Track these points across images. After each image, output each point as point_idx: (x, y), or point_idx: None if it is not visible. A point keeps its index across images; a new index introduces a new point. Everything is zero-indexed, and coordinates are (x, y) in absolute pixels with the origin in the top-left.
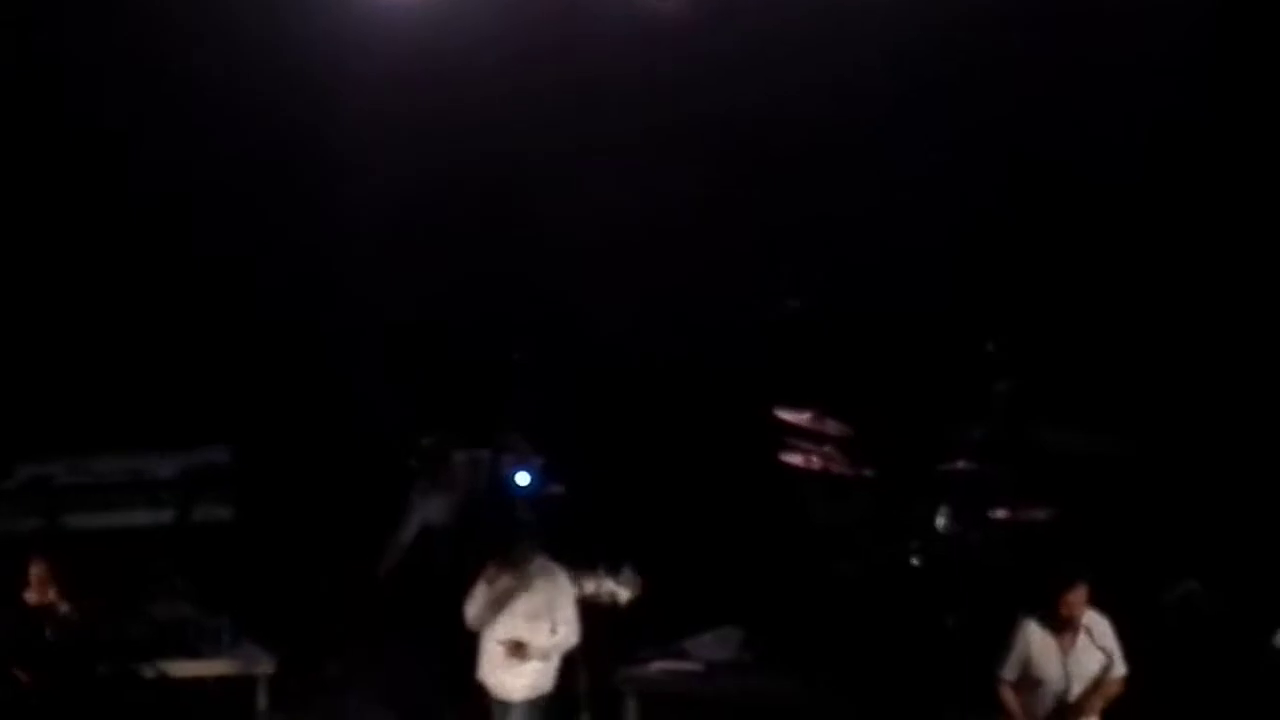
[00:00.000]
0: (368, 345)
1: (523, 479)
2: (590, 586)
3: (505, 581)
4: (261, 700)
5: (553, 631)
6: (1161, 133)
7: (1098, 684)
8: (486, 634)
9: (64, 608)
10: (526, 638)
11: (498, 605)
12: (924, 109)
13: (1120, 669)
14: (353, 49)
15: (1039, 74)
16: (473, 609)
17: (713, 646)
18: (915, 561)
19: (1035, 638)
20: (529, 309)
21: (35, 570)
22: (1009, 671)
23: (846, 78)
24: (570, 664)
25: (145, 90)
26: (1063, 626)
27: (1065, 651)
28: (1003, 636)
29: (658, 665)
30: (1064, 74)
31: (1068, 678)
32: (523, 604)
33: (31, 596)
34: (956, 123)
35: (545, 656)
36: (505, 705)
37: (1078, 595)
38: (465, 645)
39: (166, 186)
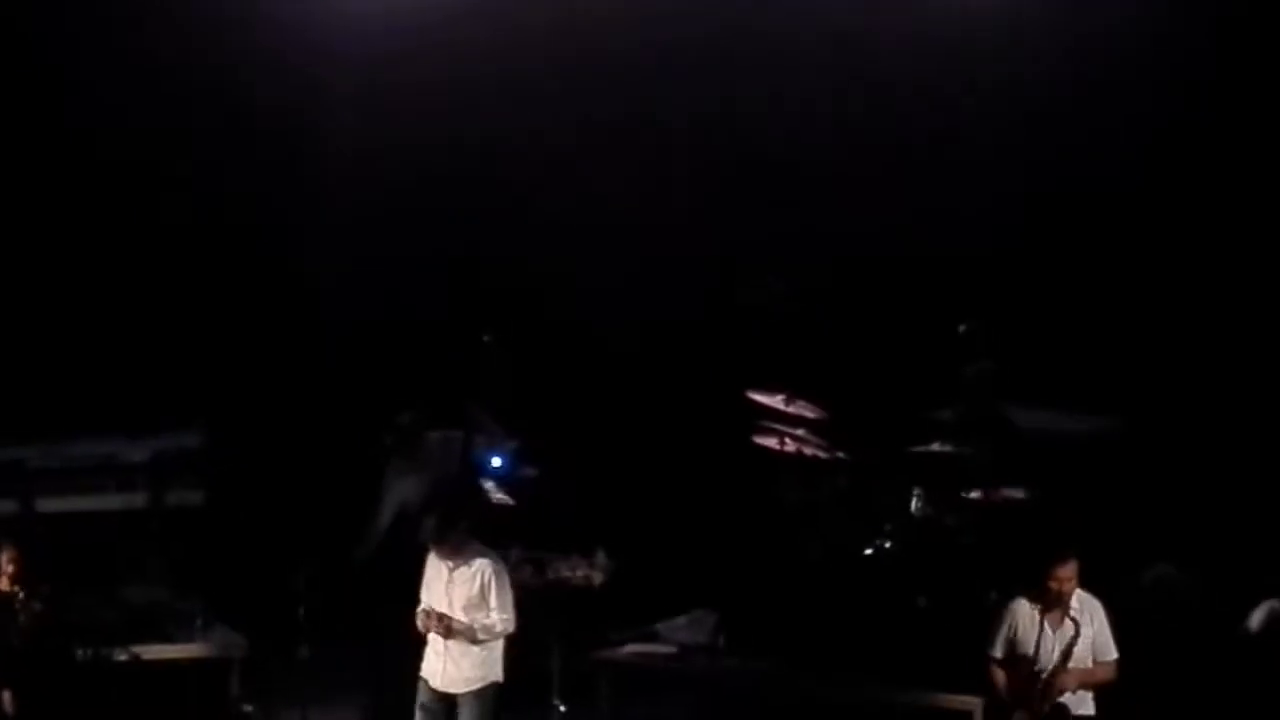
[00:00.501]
0: (339, 327)
1: (495, 461)
2: (563, 569)
3: (442, 569)
4: (234, 683)
5: (487, 616)
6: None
7: (1066, 656)
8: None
9: (36, 593)
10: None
11: (434, 593)
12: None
13: (1110, 653)
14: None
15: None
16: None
17: (686, 629)
18: (888, 544)
19: (1024, 615)
20: (500, 290)
21: (6, 556)
22: (997, 649)
23: (829, 73)
24: (543, 647)
25: (112, 68)
26: (1052, 603)
27: (1053, 629)
28: (976, 618)
29: (630, 648)
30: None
31: (1056, 655)
32: (460, 590)
33: (2, 582)
34: (935, 103)
35: (479, 642)
36: (448, 699)
37: (1067, 570)
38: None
39: (140, 170)
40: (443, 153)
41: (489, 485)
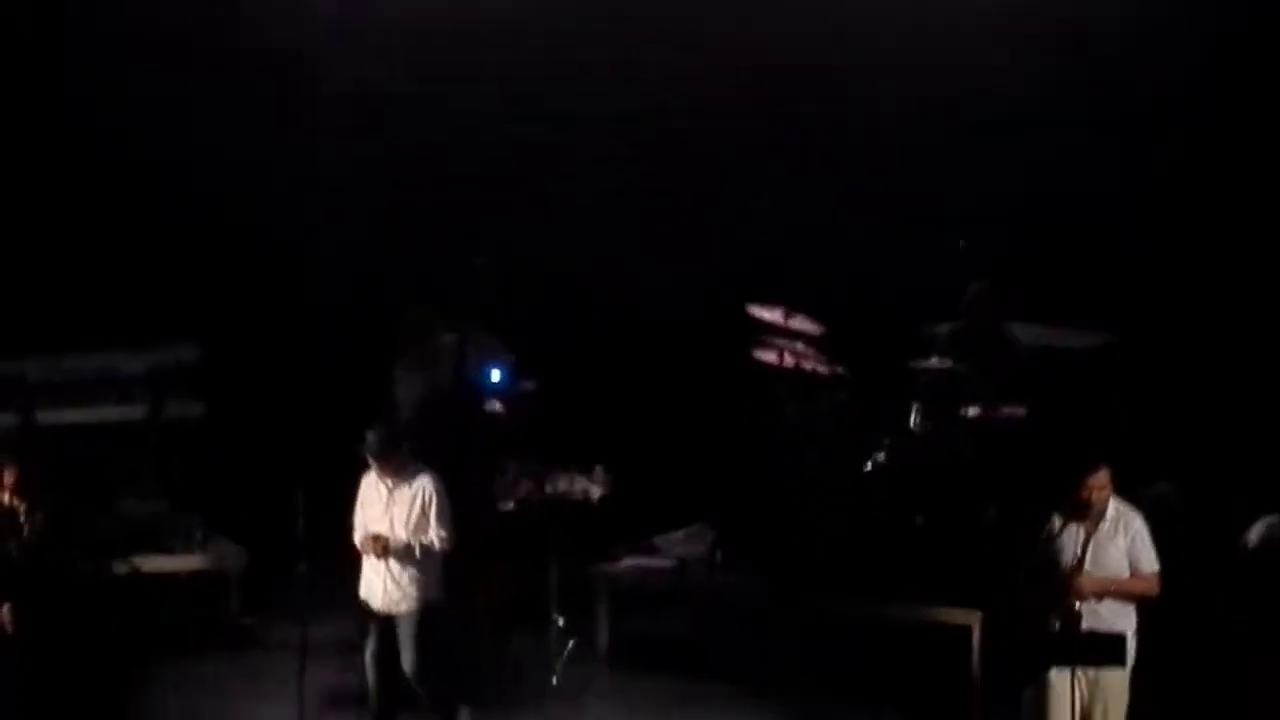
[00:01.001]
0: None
1: (494, 375)
2: (561, 484)
3: (380, 488)
4: (233, 597)
5: (427, 535)
6: None
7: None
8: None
9: (36, 506)
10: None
11: (371, 512)
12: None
13: (1147, 565)
14: None
15: None
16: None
17: (684, 543)
18: (883, 459)
19: (1058, 526)
20: (495, 208)
21: (8, 470)
22: (1032, 561)
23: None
24: (541, 562)
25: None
26: (1084, 513)
27: (1086, 538)
28: (974, 533)
29: (629, 562)
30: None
31: (1089, 565)
32: (400, 510)
33: (4, 497)
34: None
35: (416, 560)
36: (389, 620)
37: (1098, 479)
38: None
39: (141, 87)
40: (442, 83)
41: (485, 397)
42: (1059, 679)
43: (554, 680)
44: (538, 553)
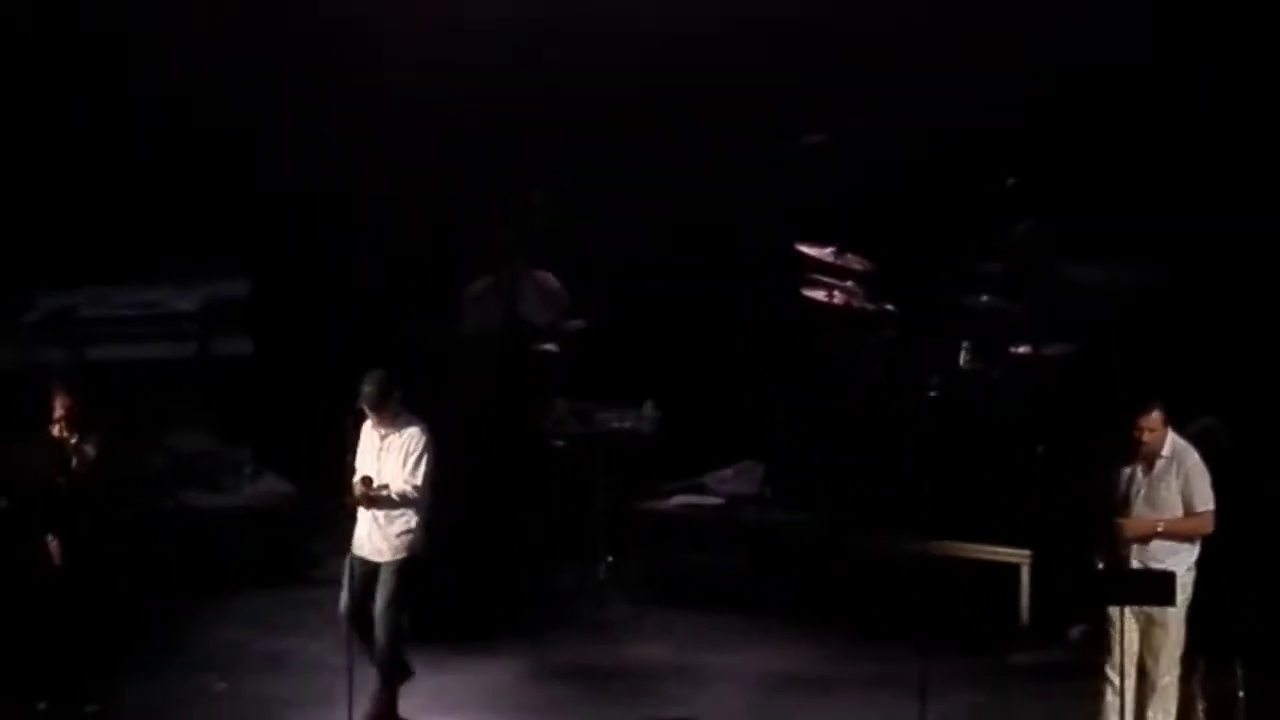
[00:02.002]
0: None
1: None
2: (611, 421)
3: (374, 437)
4: (281, 532)
5: (407, 480)
6: None
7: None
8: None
9: (86, 440)
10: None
11: (365, 462)
12: None
13: (1199, 503)
14: None
15: None
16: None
17: (733, 481)
18: (932, 397)
19: (1113, 467)
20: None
21: (60, 404)
22: (1084, 501)
23: None
24: (590, 499)
25: None
26: (1138, 452)
27: (1141, 477)
28: (1022, 471)
29: (678, 499)
30: None
31: (1142, 504)
32: (391, 459)
33: (55, 430)
34: None
35: (400, 510)
36: (371, 569)
37: (1150, 420)
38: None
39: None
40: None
41: (538, 335)
42: (1114, 617)
43: (601, 616)
44: (586, 489)
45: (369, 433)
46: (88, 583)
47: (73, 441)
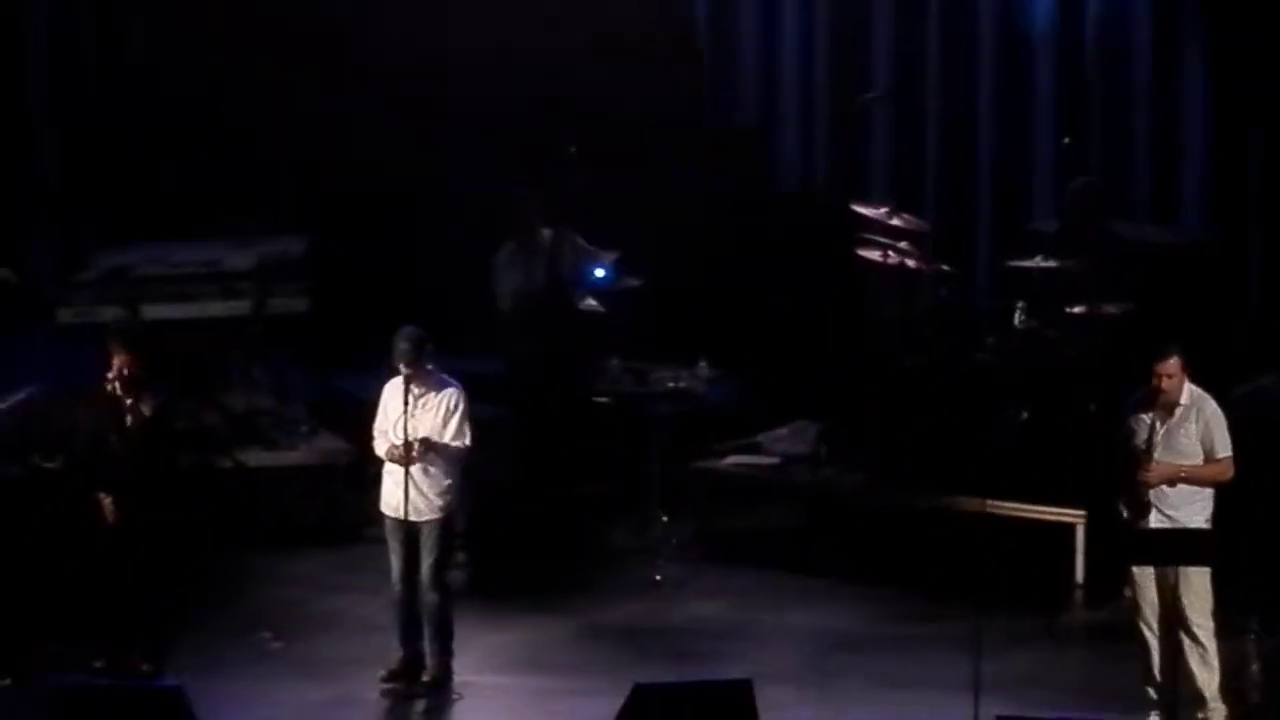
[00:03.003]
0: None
1: (599, 272)
2: (665, 380)
3: (404, 395)
4: (337, 491)
5: (452, 439)
6: None
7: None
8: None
9: (142, 399)
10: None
11: (393, 419)
12: None
13: (1221, 450)
14: None
15: None
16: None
17: (788, 440)
18: (989, 359)
19: (1132, 415)
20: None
21: (116, 361)
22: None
23: None
24: (645, 458)
25: None
26: (1156, 400)
27: (1159, 425)
28: (1077, 431)
29: (732, 459)
30: None
31: (1162, 451)
32: (425, 418)
33: (110, 388)
34: None
35: (439, 469)
36: (412, 528)
37: (1167, 366)
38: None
39: None
40: None
41: (582, 294)
42: (1143, 574)
43: (655, 576)
44: (640, 448)
45: (396, 392)
46: (142, 541)
47: (128, 400)
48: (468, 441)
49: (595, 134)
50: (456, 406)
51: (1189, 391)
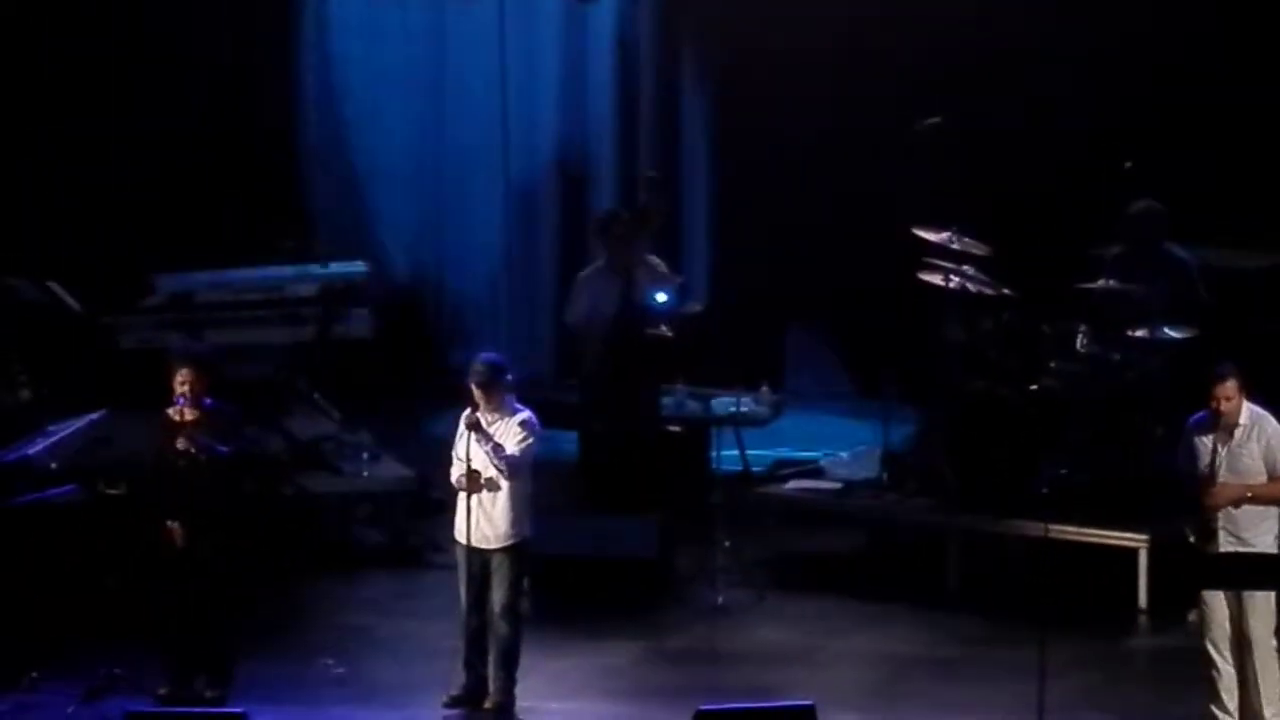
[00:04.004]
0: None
1: (661, 297)
2: (729, 405)
3: (479, 420)
4: (400, 516)
5: (510, 467)
6: None
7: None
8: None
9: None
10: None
11: (465, 446)
12: None
13: None
14: None
15: None
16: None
17: (850, 465)
18: (1053, 384)
19: (1193, 438)
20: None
21: (180, 377)
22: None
23: None
24: (708, 482)
25: None
26: (1217, 423)
27: (1221, 448)
28: (1140, 455)
29: (795, 484)
30: None
31: (1225, 473)
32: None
33: (174, 413)
34: None
35: (509, 497)
36: (482, 556)
37: (1225, 388)
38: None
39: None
40: None
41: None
42: (1213, 598)
43: (719, 600)
44: (703, 472)
45: (470, 416)
46: (207, 566)
47: (189, 423)
48: (514, 454)
49: None
50: (525, 434)
51: (1248, 411)
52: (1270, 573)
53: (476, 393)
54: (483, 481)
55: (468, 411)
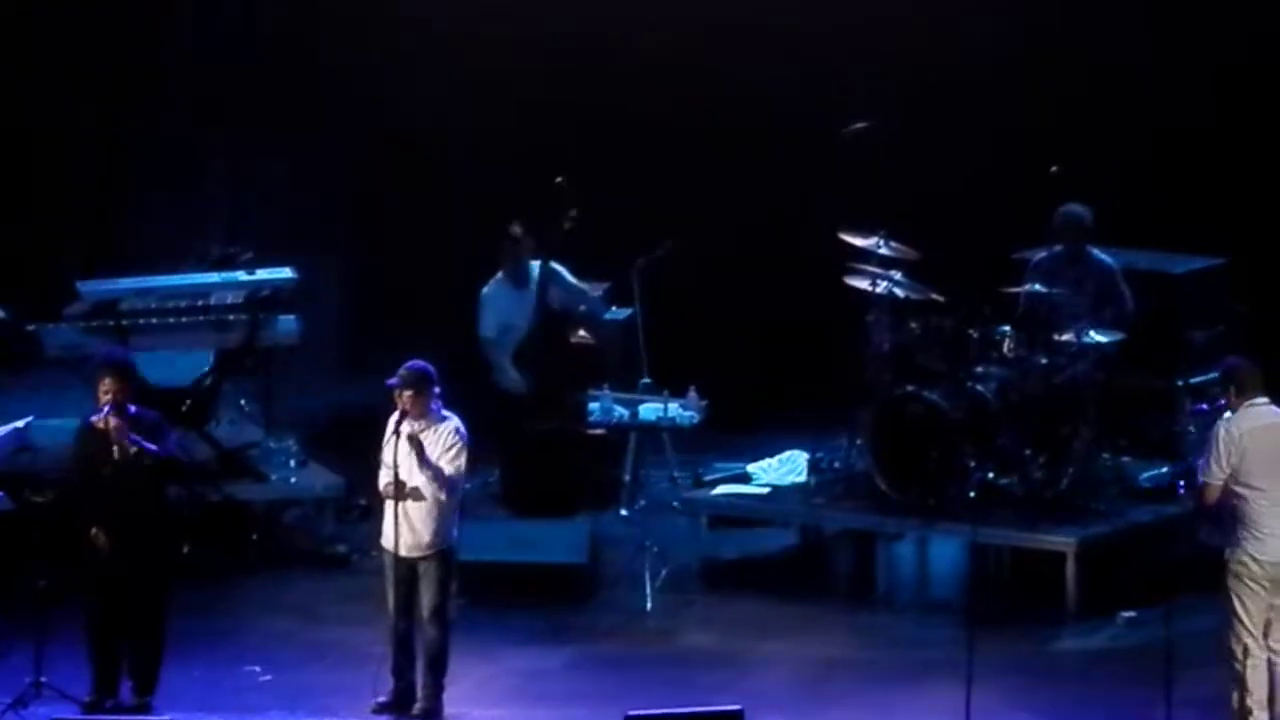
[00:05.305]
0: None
1: (587, 303)
2: (656, 410)
3: (405, 429)
4: (328, 522)
5: (439, 477)
6: None
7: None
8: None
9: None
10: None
11: (391, 454)
12: None
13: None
14: None
15: None
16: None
17: (778, 470)
18: (980, 388)
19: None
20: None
21: (104, 384)
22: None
23: None
24: (633, 487)
25: None
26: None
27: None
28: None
29: (723, 489)
30: None
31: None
32: (425, 453)
33: (99, 420)
34: None
35: (436, 505)
36: (409, 562)
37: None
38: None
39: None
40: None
41: (571, 327)
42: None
43: (647, 605)
44: (630, 477)
45: (395, 424)
46: (132, 573)
47: (116, 430)
48: (449, 473)
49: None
50: (454, 441)
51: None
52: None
53: (403, 400)
54: (408, 490)
55: (394, 417)
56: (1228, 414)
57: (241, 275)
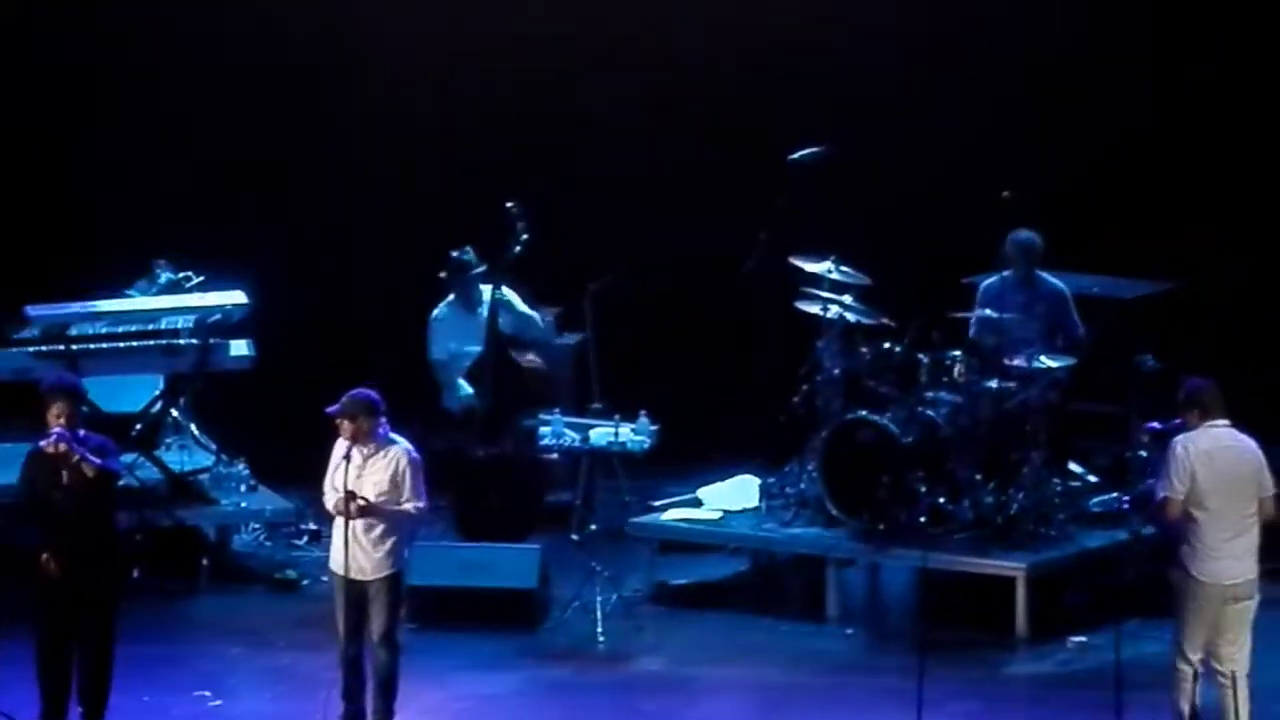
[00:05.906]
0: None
1: (535, 327)
2: (607, 434)
3: (353, 454)
4: (278, 546)
5: (399, 503)
6: None
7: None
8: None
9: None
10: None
11: (339, 479)
12: None
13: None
14: None
15: None
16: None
17: (729, 495)
18: (931, 413)
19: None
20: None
21: (54, 409)
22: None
23: None
24: (585, 512)
25: None
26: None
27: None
28: (1017, 484)
29: (674, 514)
30: None
31: None
32: (372, 478)
33: (48, 446)
34: None
35: (386, 527)
36: (359, 586)
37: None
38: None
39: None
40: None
41: (521, 351)
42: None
43: (598, 630)
44: (581, 502)
45: (344, 450)
46: (82, 598)
47: (67, 457)
48: (422, 504)
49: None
50: (405, 467)
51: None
52: None
53: (345, 428)
54: (354, 510)
55: (342, 444)
56: (1185, 433)
57: (192, 300)
